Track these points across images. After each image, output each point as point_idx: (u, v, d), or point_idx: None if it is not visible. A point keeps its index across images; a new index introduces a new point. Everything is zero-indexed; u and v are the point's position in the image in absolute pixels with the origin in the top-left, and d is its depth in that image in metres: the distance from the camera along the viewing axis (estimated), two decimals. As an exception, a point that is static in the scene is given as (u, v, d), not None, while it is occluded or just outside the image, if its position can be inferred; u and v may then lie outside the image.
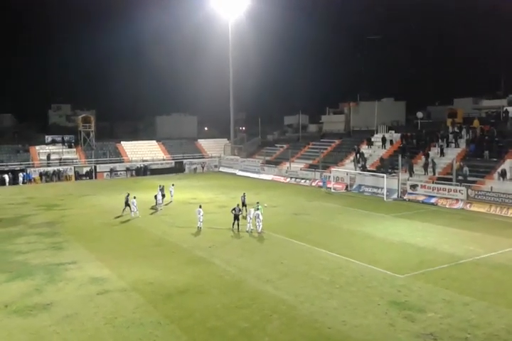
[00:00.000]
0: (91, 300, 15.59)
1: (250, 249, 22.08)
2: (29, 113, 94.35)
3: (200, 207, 26.55)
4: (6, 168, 50.03)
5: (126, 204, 30.64)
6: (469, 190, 32.61)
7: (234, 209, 25.62)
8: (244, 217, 26.24)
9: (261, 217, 24.68)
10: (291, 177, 47.95)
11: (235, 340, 12.69)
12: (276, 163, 53.51)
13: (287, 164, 50.78)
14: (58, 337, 13.00)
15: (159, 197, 33.19)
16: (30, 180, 49.81)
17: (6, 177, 47.96)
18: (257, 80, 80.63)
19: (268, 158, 55.91)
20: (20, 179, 48.89)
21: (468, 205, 31.61)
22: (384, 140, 46.31)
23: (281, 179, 48.71)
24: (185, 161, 59.78)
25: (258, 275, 17.97)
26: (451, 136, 41.66)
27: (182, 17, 67.46)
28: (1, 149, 54.91)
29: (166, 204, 34.12)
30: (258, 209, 25.12)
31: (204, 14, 58.66)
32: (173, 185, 36.65)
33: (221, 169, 60.23)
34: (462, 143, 40.36)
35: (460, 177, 34.46)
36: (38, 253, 21.50)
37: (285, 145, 58.98)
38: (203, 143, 67.41)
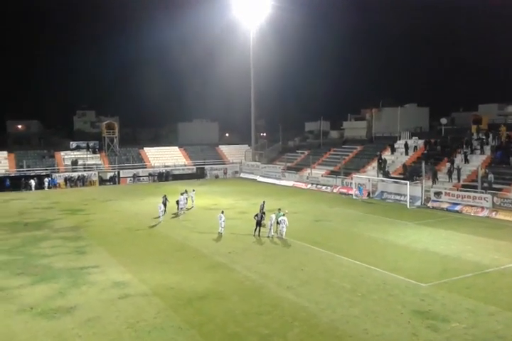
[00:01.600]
0: (113, 304, 15.76)
1: (271, 255, 22.02)
2: (55, 119, 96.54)
3: (223, 212, 26.62)
4: (32, 173, 51.10)
5: (165, 205, 31.62)
6: (495, 198, 31.94)
7: (256, 215, 25.67)
8: (265, 225, 26.21)
9: (286, 222, 24.66)
10: (312, 184, 47.74)
11: (255, 347, 12.64)
12: (297, 169, 53.38)
13: (308, 170, 50.61)
14: (80, 340, 13.15)
15: (182, 202, 33.44)
16: (55, 185, 50.77)
17: (32, 182, 48.95)
18: (279, 87, 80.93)
19: (289, 164, 55.81)
20: (46, 184, 49.85)
21: (493, 213, 30.95)
22: (407, 146, 45.79)
23: (303, 185, 48.53)
24: (206, 167, 60.15)
25: (279, 282, 17.90)
26: (475, 143, 40.97)
27: (204, 25, 68.16)
28: (27, 154, 56.20)
29: (188, 209, 34.34)
30: (283, 214, 25.18)
31: (226, 22, 59.24)
32: (193, 190, 36.88)
33: (242, 175, 60.35)
34: (487, 149, 39.63)
35: (485, 185, 33.81)
36: (62, 257, 21.85)
37: (306, 152, 58.84)
38: (224, 149, 67.75)
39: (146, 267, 20.06)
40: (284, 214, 25.30)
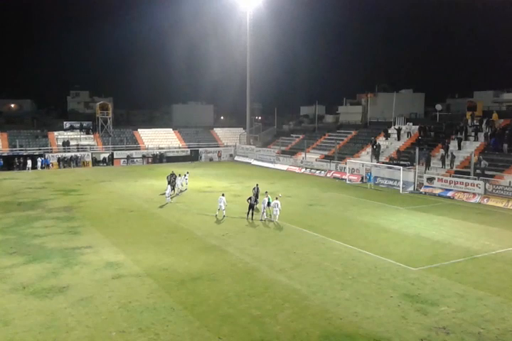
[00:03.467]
0: (106, 285, 15.83)
1: (264, 238, 22.15)
2: (48, 99, 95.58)
3: (223, 195, 26.32)
4: (25, 153, 50.73)
5: (170, 183, 32.25)
6: (487, 184, 32.17)
7: (250, 198, 25.69)
8: (257, 208, 26.28)
9: (280, 206, 24.70)
10: (306, 168, 47.80)
11: (246, 328, 12.79)
12: (291, 153, 53.37)
13: (303, 154, 50.61)
14: (73, 319, 13.24)
15: (178, 182, 33.73)
16: (48, 165, 50.53)
17: (29, 162, 48.58)
18: (275, 70, 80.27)
19: (283, 148, 55.79)
20: (39, 164, 49.60)
21: (485, 200, 31.21)
22: (399, 131, 45.83)
23: (296, 169, 48.59)
24: (200, 149, 60.00)
25: (271, 265, 18.04)
26: (470, 129, 41.04)
27: (200, 6, 67.20)
28: (20, 134, 55.72)
29: (182, 191, 34.36)
30: (269, 197, 25.28)
31: (222, 3, 58.38)
32: (187, 173, 36.82)
33: (236, 158, 60.31)
34: (481, 136, 39.74)
35: (478, 171, 34.00)
36: (55, 237, 21.85)
37: (301, 136, 58.80)
38: (218, 131, 67.50)
39: (140, 248, 20.12)
40: (277, 198, 25.33)
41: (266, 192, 26.30)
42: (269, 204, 25.44)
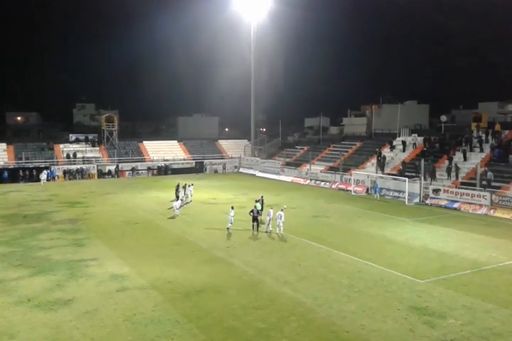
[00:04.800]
0: (111, 297, 15.79)
1: (269, 250, 22.06)
2: (54, 111, 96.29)
3: (232, 208, 26.20)
4: (31, 165, 51.01)
5: (177, 195, 33.49)
6: (493, 196, 31.99)
7: (252, 211, 25.61)
8: (262, 220, 26.22)
9: (283, 218, 24.63)
10: (311, 179, 47.74)
11: (252, 341, 12.69)
12: (296, 164, 53.36)
13: (307, 166, 50.60)
14: (78, 332, 13.19)
15: (182, 194, 34.05)
16: (53, 178, 50.73)
17: (44, 174, 48.56)
18: (279, 82, 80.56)
19: (288, 160, 55.81)
20: (45, 176, 49.79)
21: (491, 211, 31.01)
22: (404, 143, 45.81)
23: (301, 181, 48.54)
24: (205, 161, 60.13)
25: (276, 277, 17.94)
26: (475, 141, 40.96)
27: (205, 19, 67.95)
28: (26, 147, 56.07)
29: (187, 203, 34.38)
30: (257, 206, 25.79)
31: (227, 16, 58.94)
32: (192, 184, 36.86)
33: (241, 170, 60.34)
34: (487, 147, 39.63)
35: (484, 183, 33.85)
36: (60, 250, 21.86)
37: (305, 147, 58.82)
38: (223, 143, 67.68)
39: (144, 260, 20.09)
40: (282, 210, 25.23)
41: (257, 201, 26.81)
42: (258, 212, 25.69)
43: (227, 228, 25.67)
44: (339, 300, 15.53)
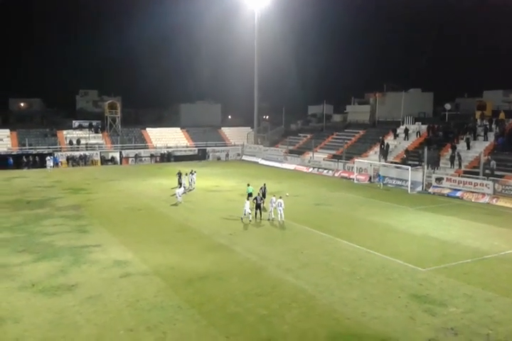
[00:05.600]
0: (114, 283, 15.92)
1: (271, 237, 22.15)
2: (57, 98, 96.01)
3: (274, 196, 25.61)
4: (34, 152, 51.11)
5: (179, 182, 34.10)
6: (496, 185, 31.92)
7: (255, 198, 25.68)
8: (265, 208, 26.24)
9: (283, 205, 24.64)
10: (313, 167, 47.70)
11: (254, 327, 12.81)
12: (299, 152, 53.28)
13: (310, 154, 50.50)
14: (81, 318, 13.33)
15: (184, 181, 34.65)
16: (57, 164, 50.83)
17: (50, 161, 49.12)
18: (282, 69, 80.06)
19: (291, 148, 55.70)
20: (51, 163, 49.92)
21: (494, 200, 30.97)
22: (407, 131, 45.60)
23: (304, 169, 48.51)
24: (208, 149, 60.10)
25: (278, 264, 18.04)
26: (479, 129, 40.74)
27: (208, 5, 67.24)
28: (29, 133, 56.07)
29: (190, 190, 34.46)
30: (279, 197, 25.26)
31: (231, 2, 58.33)
32: (195, 172, 36.84)
33: (244, 157, 60.32)
34: (491, 136, 39.43)
35: (487, 171, 33.75)
36: (64, 236, 22.01)
37: (308, 135, 58.65)
38: (226, 131, 67.53)
39: (147, 247, 20.21)
40: (280, 197, 25.17)
41: (248, 185, 28.41)
42: (250, 194, 27.22)
43: (241, 218, 25.25)
44: (341, 288, 15.62)
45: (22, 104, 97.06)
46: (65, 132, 57.24)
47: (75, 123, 60.68)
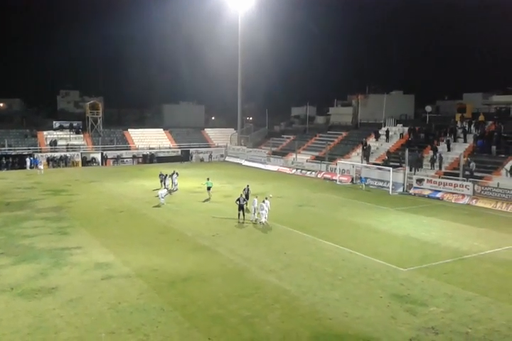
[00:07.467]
0: (95, 285, 15.74)
1: (254, 238, 22.16)
2: (38, 98, 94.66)
3: (256, 197, 25.67)
4: (14, 153, 50.30)
5: (162, 182, 34.59)
6: (476, 186, 32.45)
7: (238, 199, 25.65)
8: (248, 209, 26.23)
9: (268, 206, 24.63)
10: (296, 169, 47.89)
11: (236, 328, 12.79)
12: (282, 154, 53.44)
13: (293, 155, 50.70)
14: (62, 321, 13.15)
15: (168, 182, 34.80)
16: (37, 165, 50.05)
17: (28, 160, 48.73)
18: (266, 70, 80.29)
19: (274, 149, 55.83)
20: (28, 164, 49.19)
21: (474, 201, 31.48)
22: (388, 133, 46.11)
23: (287, 170, 48.66)
24: (191, 150, 59.86)
25: (261, 265, 18.05)
26: (459, 131, 41.38)
27: (192, 6, 67.06)
28: (9, 133, 55.10)
29: (173, 191, 34.29)
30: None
31: (214, 4, 58.31)
32: (177, 173, 36.66)
33: (227, 159, 60.26)
34: (470, 138, 40.08)
35: (467, 173, 34.29)
36: (44, 238, 21.68)
37: (292, 137, 58.90)
38: (209, 132, 67.39)
39: (130, 249, 20.03)
40: (266, 198, 25.23)
41: (208, 178, 30.15)
42: (209, 188, 29.60)
43: (257, 219, 24.93)
44: (323, 288, 15.71)
45: (1, 104, 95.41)
46: (45, 133, 56.43)
47: (56, 123, 59.78)
